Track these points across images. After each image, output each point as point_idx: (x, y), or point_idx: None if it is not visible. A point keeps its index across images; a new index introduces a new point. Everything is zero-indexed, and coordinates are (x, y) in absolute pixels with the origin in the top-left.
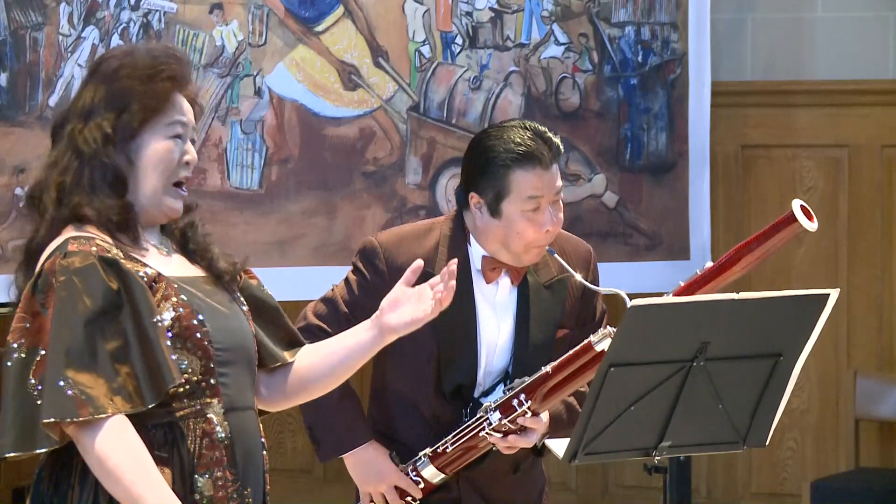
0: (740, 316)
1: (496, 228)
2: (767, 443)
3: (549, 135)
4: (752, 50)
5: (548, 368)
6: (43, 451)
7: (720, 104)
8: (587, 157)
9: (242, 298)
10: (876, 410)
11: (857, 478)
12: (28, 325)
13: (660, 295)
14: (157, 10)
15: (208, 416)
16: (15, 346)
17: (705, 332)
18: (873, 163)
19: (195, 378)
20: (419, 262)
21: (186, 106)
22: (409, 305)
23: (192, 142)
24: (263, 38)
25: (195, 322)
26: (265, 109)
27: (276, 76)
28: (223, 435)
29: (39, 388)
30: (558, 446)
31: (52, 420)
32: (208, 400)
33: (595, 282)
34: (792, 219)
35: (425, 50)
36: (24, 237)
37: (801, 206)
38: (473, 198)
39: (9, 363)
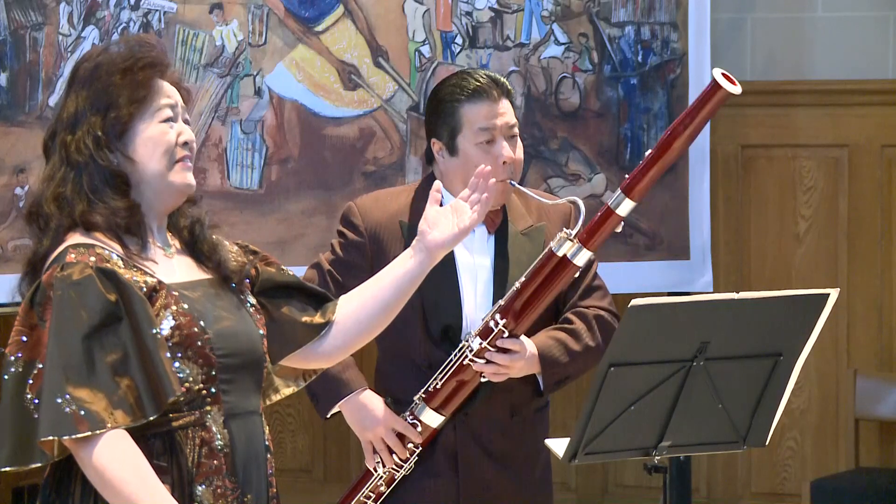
0: (740, 316)
1: (457, 167)
2: (767, 442)
3: (499, 77)
4: (751, 50)
5: (517, 285)
6: (38, 465)
7: None
8: (587, 157)
9: (252, 300)
10: (876, 410)
11: (857, 478)
12: (25, 339)
13: (660, 295)
14: (157, 10)
15: (207, 424)
16: (12, 359)
17: (705, 332)
18: (873, 163)
19: (196, 387)
20: (438, 183)
21: (171, 89)
22: (450, 220)
23: (187, 122)
24: (263, 37)
25: (196, 329)
26: (265, 109)
27: (276, 76)
28: (222, 443)
29: (36, 402)
30: (558, 446)
31: (50, 438)
32: (208, 408)
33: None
34: (717, 87)
35: (425, 50)
36: (25, 237)
37: (723, 74)
38: (435, 144)
39: (6, 377)
